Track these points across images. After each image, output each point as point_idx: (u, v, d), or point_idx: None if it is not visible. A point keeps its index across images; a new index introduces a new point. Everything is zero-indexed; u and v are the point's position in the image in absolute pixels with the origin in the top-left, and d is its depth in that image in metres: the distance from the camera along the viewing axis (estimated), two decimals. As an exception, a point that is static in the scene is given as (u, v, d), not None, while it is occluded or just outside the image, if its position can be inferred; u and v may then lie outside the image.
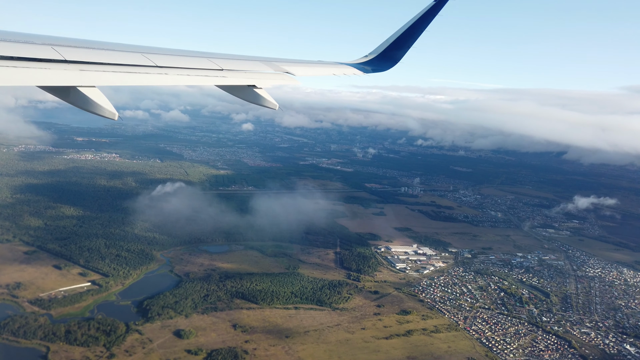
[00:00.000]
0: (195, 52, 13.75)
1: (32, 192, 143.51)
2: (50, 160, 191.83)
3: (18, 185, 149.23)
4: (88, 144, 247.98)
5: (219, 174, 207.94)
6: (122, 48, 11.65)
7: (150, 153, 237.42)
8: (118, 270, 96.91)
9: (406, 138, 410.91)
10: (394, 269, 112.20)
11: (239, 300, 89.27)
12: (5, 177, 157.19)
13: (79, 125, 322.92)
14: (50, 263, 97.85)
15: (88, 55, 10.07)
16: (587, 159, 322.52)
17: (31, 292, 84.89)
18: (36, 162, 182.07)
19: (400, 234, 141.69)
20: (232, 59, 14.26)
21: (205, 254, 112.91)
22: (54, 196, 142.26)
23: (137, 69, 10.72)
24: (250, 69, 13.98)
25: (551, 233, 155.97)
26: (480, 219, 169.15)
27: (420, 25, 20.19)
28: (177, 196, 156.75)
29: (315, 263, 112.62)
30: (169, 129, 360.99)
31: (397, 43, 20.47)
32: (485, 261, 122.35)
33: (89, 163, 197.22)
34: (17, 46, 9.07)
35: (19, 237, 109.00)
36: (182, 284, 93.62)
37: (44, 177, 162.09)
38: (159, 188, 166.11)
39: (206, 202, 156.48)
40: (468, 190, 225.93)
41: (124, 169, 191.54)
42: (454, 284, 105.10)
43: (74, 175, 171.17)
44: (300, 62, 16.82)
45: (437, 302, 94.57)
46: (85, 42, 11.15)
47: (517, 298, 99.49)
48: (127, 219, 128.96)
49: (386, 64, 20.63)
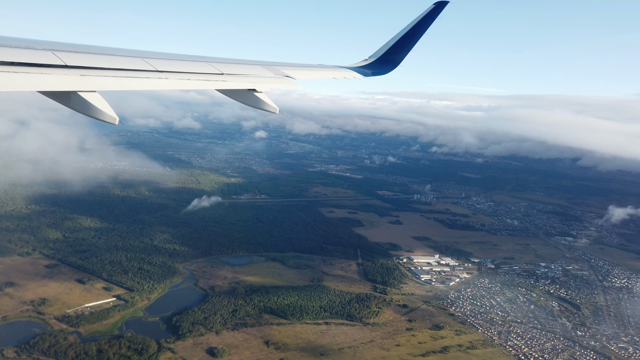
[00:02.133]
0: (195, 57, 13.69)
1: (47, 202, 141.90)
2: (61, 169, 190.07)
3: (32, 195, 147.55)
4: (97, 152, 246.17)
5: (230, 182, 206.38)
6: (123, 53, 11.67)
7: (160, 161, 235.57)
8: (142, 284, 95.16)
9: (420, 145, 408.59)
10: (419, 280, 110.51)
11: (267, 316, 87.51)
12: (18, 187, 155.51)
13: (85, 132, 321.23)
14: (73, 277, 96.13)
15: (88, 61, 10.04)
16: (604, 166, 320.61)
17: (57, 309, 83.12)
18: (48, 172, 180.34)
19: (420, 244, 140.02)
20: (233, 63, 14.24)
21: (227, 266, 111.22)
22: (69, 206, 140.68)
23: (137, 73, 10.71)
24: (251, 73, 13.97)
25: (570, 241, 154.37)
26: (497, 227, 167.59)
27: (419, 29, 20.15)
28: (192, 206, 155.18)
29: (339, 275, 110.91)
30: (176, 136, 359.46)
31: (396, 46, 20.43)
32: (509, 272, 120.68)
33: (100, 172, 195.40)
34: (18, 52, 9.07)
35: (39, 250, 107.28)
36: (209, 298, 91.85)
37: (57, 187, 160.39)
38: (174, 197, 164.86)
39: (221, 211, 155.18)
40: (480, 197, 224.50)
41: (136, 178, 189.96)
42: (482, 296, 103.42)
43: (87, 184, 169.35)
44: (300, 66, 16.73)
45: (468, 316, 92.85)
46: (85, 47, 11.08)
47: (548, 311, 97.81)
48: (145, 230, 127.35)
49: (386, 67, 20.60)
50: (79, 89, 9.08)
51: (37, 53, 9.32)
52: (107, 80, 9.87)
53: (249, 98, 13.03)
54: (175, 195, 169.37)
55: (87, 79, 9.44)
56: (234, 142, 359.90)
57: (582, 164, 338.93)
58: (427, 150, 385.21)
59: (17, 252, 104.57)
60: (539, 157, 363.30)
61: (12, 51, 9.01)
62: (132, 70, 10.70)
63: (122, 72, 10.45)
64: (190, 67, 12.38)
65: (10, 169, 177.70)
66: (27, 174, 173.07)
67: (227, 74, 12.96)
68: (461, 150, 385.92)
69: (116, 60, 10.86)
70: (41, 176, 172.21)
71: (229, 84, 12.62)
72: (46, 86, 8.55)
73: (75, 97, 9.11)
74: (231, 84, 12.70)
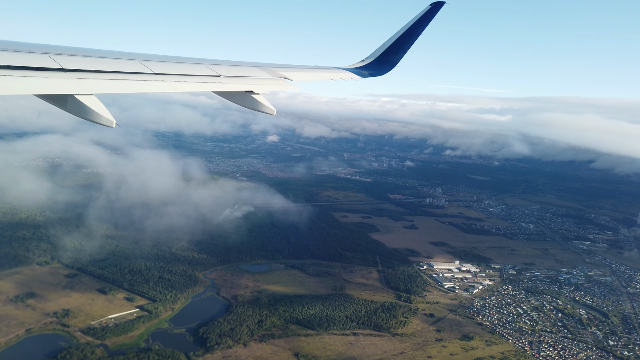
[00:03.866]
0: (192, 59, 13.67)
1: (61, 209, 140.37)
2: (72, 175, 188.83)
3: (45, 202, 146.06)
4: (105, 157, 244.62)
5: (240, 186, 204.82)
6: (119, 56, 11.65)
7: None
8: (165, 294, 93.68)
9: (433, 148, 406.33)
10: (443, 288, 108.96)
11: (294, 326, 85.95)
12: (30, 193, 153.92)
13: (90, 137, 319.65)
14: (94, 287, 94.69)
15: (85, 64, 10.04)
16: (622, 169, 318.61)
17: (81, 320, 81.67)
18: (58, 177, 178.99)
19: (438, 250, 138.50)
20: (229, 65, 14.25)
21: (247, 274, 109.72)
22: (83, 213, 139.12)
23: (134, 76, 10.71)
24: (247, 75, 13.95)
25: (588, 246, 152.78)
26: (513, 232, 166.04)
27: (416, 30, 20.10)
28: (206, 212, 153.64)
29: (360, 283, 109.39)
30: (183, 140, 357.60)
31: (393, 47, 20.41)
32: (531, 278, 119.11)
33: (110, 177, 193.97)
34: (14, 55, 9.06)
35: (57, 258, 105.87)
36: (233, 308, 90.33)
37: (69, 194, 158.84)
38: (187, 203, 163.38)
39: (236, 217, 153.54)
40: (491, 200, 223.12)
41: (148, 183, 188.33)
42: (508, 304, 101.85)
43: (98, 190, 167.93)
44: (297, 68, 16.73)
45: (496, 326, 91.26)
46: (82, 50, 11.09)
47: (577, 319, 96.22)
48: (161, 237, 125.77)
49: (383, 68, 20.57)
50: (76, 92, 9.06)
51: (33, 56, 9.32)
52: (104, 83, 9.84)
53: (246, 100, 12.96)
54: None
55: (83, 82, 9.41)
56: (243, 145, 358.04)
57: (597, 166, 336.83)
58: (441, 154, 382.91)
59: (36, 262, 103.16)
60: (552, 159, 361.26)
61: (9, 55, 9.00)
62: (129, 73, 10.67)
63: (118, 74, 10.43)
64: (187, 69, 12.41)
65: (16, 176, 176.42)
66: (37, 180, 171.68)
67: (224, 76, 12.92)
68: (474, 153, 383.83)
69: (113, 63, 10.83)
70: (52, 182, 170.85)
71: (226, 86, 12.58)
72: (43, 89, 8.54)
73: (72, 100, 9.05)
74: (228, 86, 12.67)
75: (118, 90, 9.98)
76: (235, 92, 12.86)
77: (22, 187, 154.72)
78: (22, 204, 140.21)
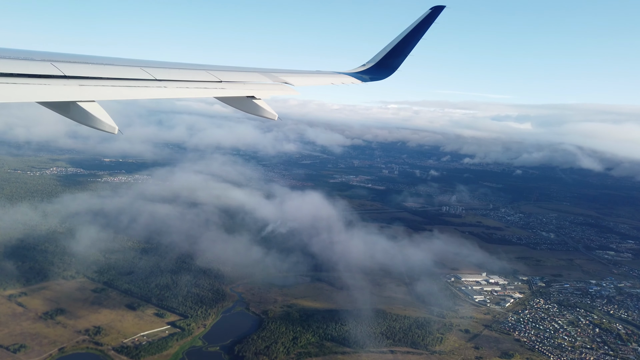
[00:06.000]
0: (193, 65, 13.70)
1: (81, 220, 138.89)
2: (88, 184, 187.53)
3: (64, 213, 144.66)
4: (117, 165, 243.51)
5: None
6: (121, 62, 11.69)
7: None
8: (195, 309, 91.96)
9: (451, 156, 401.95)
10: (473, 302, 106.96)
11: (329, 343, 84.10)
12: (48, 204, 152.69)
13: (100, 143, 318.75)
14: (122, 302, 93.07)
15: (87, 70, 10.08)
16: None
17: (113, 338, 80.00)
18: (75, 187, 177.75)
19: (462, 261, 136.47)
20: (230, 70, 14.26)
21: (274, 287, 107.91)
22: (103, 224, 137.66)
23: (136, 82, 10.75)
24: (249, 80, 13.98)
25: (612, 256, 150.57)
26: (534, 241, 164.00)
27: (416, 34, 20.11)
28: (224, 222, 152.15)
29: (389, 297, 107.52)
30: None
31: (394, 51, 20.44)
32: (561, 290, 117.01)
33: (125, 186, 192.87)
34: (17, 63, 9.13)
35: (82, 272, 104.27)
36: (265, 324, 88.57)
37: (88, 204, 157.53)
38: (203, 213, 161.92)
39: (253, 227, 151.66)
40: (507, 208, 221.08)
41: (163, 193, 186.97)
42: (543, 319, 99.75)
43: (116, 200, 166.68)
44: (298, 73, 16.75)
45: (535, 342, 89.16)
46: (84, 57, 11.10)
47: (615, 334, 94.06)
48: (184, 249, 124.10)
49: (384, 72, 20.59)
50: (78, 99, 9.09)
51: (35, 64, 9.37)
52: (106, 89, 9.89)
53: (247, 105, 12.95)
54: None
55: (86, 89, 9.44)
56: (251, 153, 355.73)
57: (615, 173, 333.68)
58: (459, 161, 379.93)
59: (62, 276, 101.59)
60: (570, 166, 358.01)
61: (11, 62, 9.04)
62: (130, 80, 10.72)
63: (120, 81, 10.47)
64: (188, 75, 12.42)
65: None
66: (54, 189, 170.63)
67: (226, 82, 12.96)
68: (491, 161, 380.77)
69: (115, 70, 10.89)
70: (69, 192, 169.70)
71: (227, 92, 12.62)
72: (45, 97, 8.58)
73: (74, 107, 9.09)
74: (229, 91, 12.71)
75: (120, 96, 9.99)
76: (237, 97, 12.86)
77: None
78: (39, 214, 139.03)
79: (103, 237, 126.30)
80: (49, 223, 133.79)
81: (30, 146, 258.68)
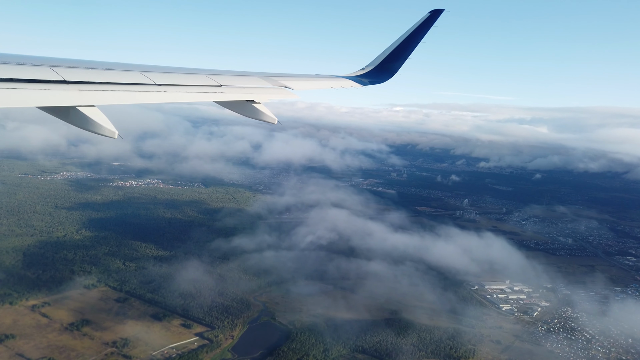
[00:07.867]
0: (193, 69, 13.67)
1: (97, 227, 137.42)
2: (100, 189, 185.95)
3: (79, 219, 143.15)
4: (127, 169, 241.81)
5: (265, 199, 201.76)
6: (121, 67, 11.72)
7: (190, 177, 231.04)
8: (221, 320, 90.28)
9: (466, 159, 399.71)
10: (501, 311, 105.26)
11: (361, 356, 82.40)
12: (62, 210, 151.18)
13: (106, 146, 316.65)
14: (147, 312, 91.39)
15: (87, 75, 10.04)
16: None
17: (142, 351, 78.32)
18: (88, 193, 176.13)
19: (484, 268, 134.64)
20: (230, 74, 14.27)
21: (297, 296, 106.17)
22: (120, 231, 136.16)
23: (136, 87, 10.74)
24: (248, 84, 13.95)
25: (633, 261, 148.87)
26: (553, 247, 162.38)
27: (415, 37, 20.14)
28: (241, 228, 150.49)
29: (415, 305, 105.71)
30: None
31: (393, 55, 20.44)
32: (587, 299, 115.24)
33: (137, 191, 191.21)
34: (16, 68, 9.19)
35: (104, 281, 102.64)
36: (293, 335, 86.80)
37: (102, 210, 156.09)
38: (218, 217, 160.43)
39: (272, 233, 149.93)
40: (520, 212, 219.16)
41: (175, 197, 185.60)
42: (573, 328, 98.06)
43: (130, 206, 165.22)
44: (297, 76, 16.76)
45: (569, 354, 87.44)
46: (83, 62, 11.07)
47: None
48: (204, 257, 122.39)
49: (383, 76, 20.60)
50: (78, 104, 9.06)
51: (35, 69, 9.38)
52: (106, 94, 9.87)
53: (247, 109, 12.93)
54: (219, 214, 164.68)
55: (85, 94, 9.41)
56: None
57: (631, 177, 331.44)
58: (475, 165, 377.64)
59: (83, 284, 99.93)
60: (584, 170, 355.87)
61: (11, 67, 9.07)
62: (130, 84, 10.73)
63: (120, 86, 10.46)
64: (188, 79, 12.38)
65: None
66: (67, 194, 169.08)
67: (225, 86, 12.97)
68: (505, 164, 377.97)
69: (114, 75, 10.90)
70: (83, 197, 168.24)
71: (227, 96, 12.60)
72: (45, 102, 8.59)
73: (74, 112, 9.04)
74: (229, 95, 12.69)
75: (120, 101, 9.92)
76: (237, 101, 12.85)
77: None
78: (56, 221, 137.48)
79: (121, 243, 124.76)
80: (65, 229, 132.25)
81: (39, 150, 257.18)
